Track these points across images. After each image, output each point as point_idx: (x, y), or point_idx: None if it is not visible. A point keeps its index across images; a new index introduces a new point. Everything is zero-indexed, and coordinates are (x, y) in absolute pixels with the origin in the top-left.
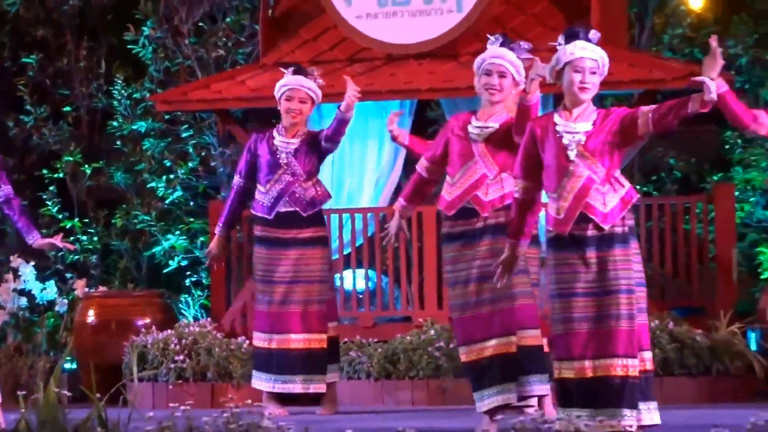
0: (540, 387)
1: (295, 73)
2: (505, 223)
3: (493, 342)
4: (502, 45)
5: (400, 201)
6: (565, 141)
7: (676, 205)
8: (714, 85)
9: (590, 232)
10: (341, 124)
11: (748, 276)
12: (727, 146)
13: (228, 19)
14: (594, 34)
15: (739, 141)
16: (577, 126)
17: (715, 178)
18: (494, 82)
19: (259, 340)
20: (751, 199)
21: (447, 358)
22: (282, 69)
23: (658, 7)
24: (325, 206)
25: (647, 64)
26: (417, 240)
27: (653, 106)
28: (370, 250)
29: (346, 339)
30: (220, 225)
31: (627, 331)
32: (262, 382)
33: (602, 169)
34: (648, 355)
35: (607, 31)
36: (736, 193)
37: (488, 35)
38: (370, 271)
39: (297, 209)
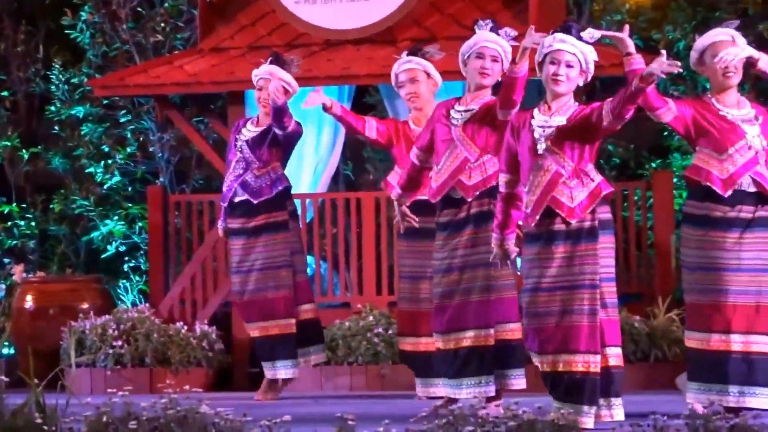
0: (519, 381)
1: (271, 62)
2: (488, 212)
3: (471, 333)
4: (491, 30)
5: (397, 190)
6: (536, 135)
7: (614, 191)
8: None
9: (557, 226)
10: (274, 112)
11: None
12: (665, 133)
13: (166, 4)
14: (588, 33)
15: None
16: (551, 120)
17: (653, 165)
18: (487, 65)
19: (249, 330)
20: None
21: (385, 344)
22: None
23: None
24: None
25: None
26: (356, 226)
27: (610, 99)
28: (309, 235)
29: None
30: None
31: (589, 327)
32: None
33: (571, 163)
34: (614, 351)
35: (545, 17)
36: (675, 180)
37: (478, 20)
38: (309, 257)
39: (248, 197)
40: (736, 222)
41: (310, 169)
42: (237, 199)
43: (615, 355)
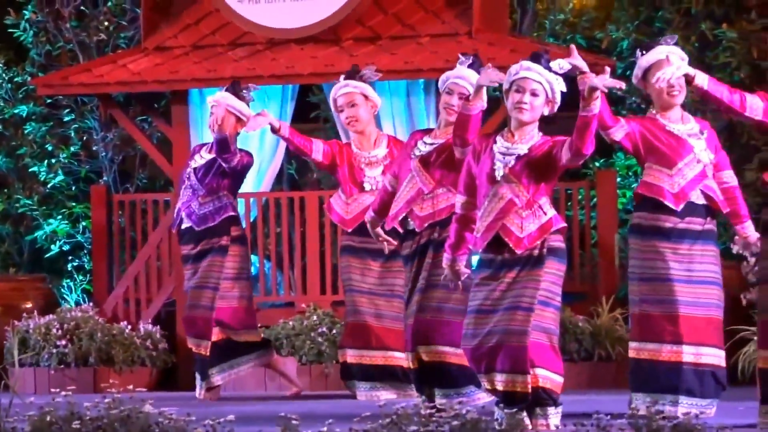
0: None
1: (227, 90)
2: (439, 239)
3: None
4: (470, 66)
5: (370, 213)
6: (496, 161)
7: (558, 191)
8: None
9: (506, 254)
10: (216, 144)
11: None
12: None
13: (109, 3)
14: (558, 64)
15: None
16: (513, 148)
17: (597, 164)
18: (453, 102)
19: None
20: (632, 186)
21: (329, 344)
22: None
23: None
24: None
25: (529, 50)
26: (300, 225)
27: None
28: (253, 235)
29: None
30: None
31: (517, 348)
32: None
33: (526, 194)
34: (544, 373)
35: (488, 16)
36: (618, 180)
37: (460, 55)
38: (252, 256)
39: (191, 225)
40: (687, 233)
41: (253, 168)
42: (183, 226)
43: (546, 378)
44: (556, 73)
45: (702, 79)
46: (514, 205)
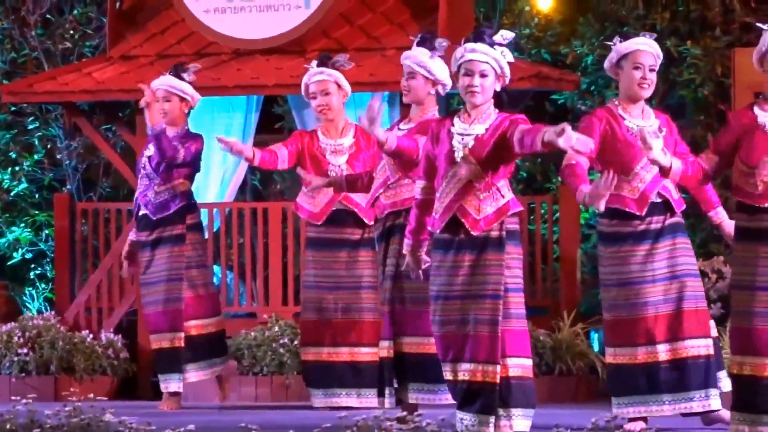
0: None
1: (170, 73)
2: (396, 226)
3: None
4: (419, 45)
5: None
6: (454, 142)
7: (523, 211)
8: (573, 137)
9: (462, 235)
10: (154, 142)
11: (592, 277)
12: None
13: (75, 12)
14: (501, 36)
15: None
16: (471, 128)
17: (560, 179)
18: (403, 83)
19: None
20: None
21: (291, 355)
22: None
23: (506, 8)
24: None
25: None
26: (263, 236)
27: (524, 127)
28: (216, 245)
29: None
30: None
31: (489, 337)
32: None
33: (484, 176)
34: (517, 361)
35: (454, 29)
36: None
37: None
38: (215, 267)
39: (147, 213)
40: (647, 234)
41: (217, 179)
42: (140, 214)
43: (518, 366)
44: (501, 45)
45: (675, 171)
46: (472, 187)
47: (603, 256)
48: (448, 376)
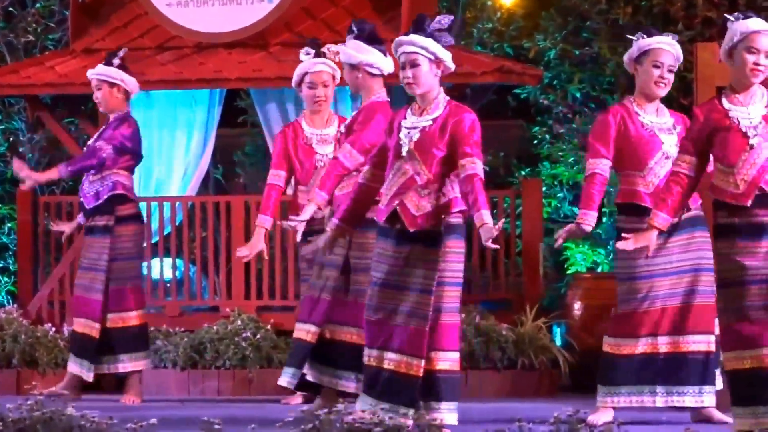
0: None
1: (105, 64)
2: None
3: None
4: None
5: None
6: (401, 135)
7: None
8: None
9: (401, 228)
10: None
11: (554, 271)
12: (535, 141)
13: (38, 5)
14: (438, 21)
15: (547, 136)
16: (419, 121)
17: (523, 173)
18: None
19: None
20: (558, 195)
21: (253, 349)
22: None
23: (469, 2)
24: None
25: (456, 58)
26: (225, 230)
27: (473, 170)
28: (178, 238)
29: (152, 327)
30: None
31: (416, 330)
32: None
33: (427, 173)
34: (445, 355)
35: None
36: (544, 189)
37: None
38: (177, 260)
39: (82, 201)
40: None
41: (179, 173)
42: (82, 200)
43: (446, 360)
44: (440, 29)
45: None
46: (414, 183)
47: (618, 251)
48: (372, 362)
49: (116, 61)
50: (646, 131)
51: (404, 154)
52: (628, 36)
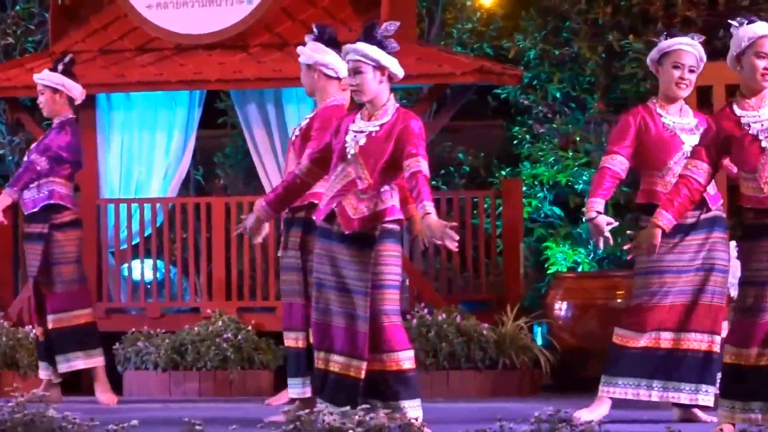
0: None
1: (51, 69)
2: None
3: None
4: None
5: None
6: (348, 139)
7: (464, 199)
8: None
9: (335, 229)
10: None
11: (535, 271)
12: (515, 142)
13: (17, 7)
14: (385, 27)
15: (527, 137)
16: (366, 125)
17: (503, 173)
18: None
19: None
20: (538, 195)
21: (234, 350)
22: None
23: (448, 2)
24: (113, 195)
25: (436, 59)
26: (206, 231)
27: (417, 167)
28: (159, 240)
29: (133, 329)
30: None
31: (358, 333)
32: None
33: (369, 178)
34: (396, 355)
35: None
36: (524, 189)
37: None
38: (158, 262)
39: (22, 207)
40: (679, 228)
41: (160, 174)
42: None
43: (399, 360)
44: (386, 36)
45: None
46: (354, 186)
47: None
48: (320, 365)
49: (61, 67)
50: (666, 131)
51: (349, 157)
52: (655, 38)
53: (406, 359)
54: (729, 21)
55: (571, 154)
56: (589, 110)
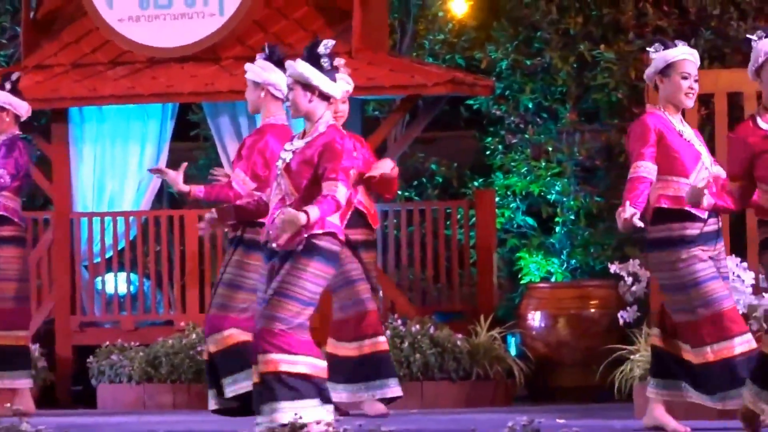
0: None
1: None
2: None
3: None
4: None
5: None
6: (282, 155)
7: (437, 210)
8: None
9: (262, 239)
10: None
11: (508, 281)
12: (487, 152)
13: None
14: (324, 45)
15: (500, 147)
16: (297, 143)
17: (476, 183)
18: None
19: None
20: (511, 205)
21: None
22: None
23: (420, 13)
24: (86, 209)
25: (408, 70)
26: (179, 244)
27: (332, 192)
28: (132, 253)
29: (107, 342)
30: None
31: (260, 330)
32: None
33: (294, 193)
34: (276, 356)
35: (368, 36)
36: (497, 199)
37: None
38: (131, 275)
39: None
40: (711, 235)
41: (133, 187)
42: None
43: (279, 361)
44: (320, 55)
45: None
46: (283, 203)
47: (666, 262)
48: (255, 378)
49: (8, 85)
50: (682, 139)
51: (279, 173)
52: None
53: (285, 361)
54: (748, 36)
55: (543, 164)
56: (561, 120)
